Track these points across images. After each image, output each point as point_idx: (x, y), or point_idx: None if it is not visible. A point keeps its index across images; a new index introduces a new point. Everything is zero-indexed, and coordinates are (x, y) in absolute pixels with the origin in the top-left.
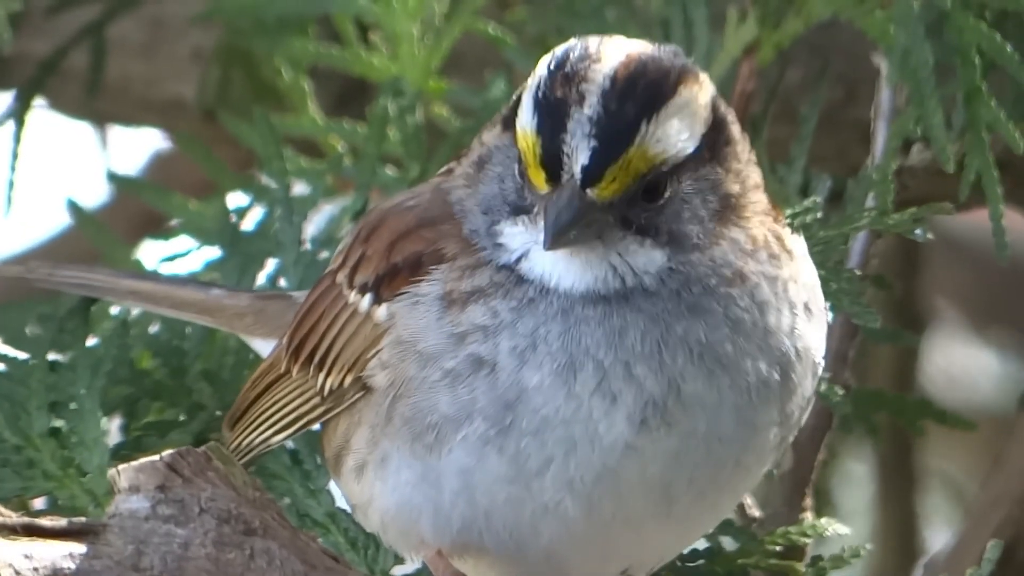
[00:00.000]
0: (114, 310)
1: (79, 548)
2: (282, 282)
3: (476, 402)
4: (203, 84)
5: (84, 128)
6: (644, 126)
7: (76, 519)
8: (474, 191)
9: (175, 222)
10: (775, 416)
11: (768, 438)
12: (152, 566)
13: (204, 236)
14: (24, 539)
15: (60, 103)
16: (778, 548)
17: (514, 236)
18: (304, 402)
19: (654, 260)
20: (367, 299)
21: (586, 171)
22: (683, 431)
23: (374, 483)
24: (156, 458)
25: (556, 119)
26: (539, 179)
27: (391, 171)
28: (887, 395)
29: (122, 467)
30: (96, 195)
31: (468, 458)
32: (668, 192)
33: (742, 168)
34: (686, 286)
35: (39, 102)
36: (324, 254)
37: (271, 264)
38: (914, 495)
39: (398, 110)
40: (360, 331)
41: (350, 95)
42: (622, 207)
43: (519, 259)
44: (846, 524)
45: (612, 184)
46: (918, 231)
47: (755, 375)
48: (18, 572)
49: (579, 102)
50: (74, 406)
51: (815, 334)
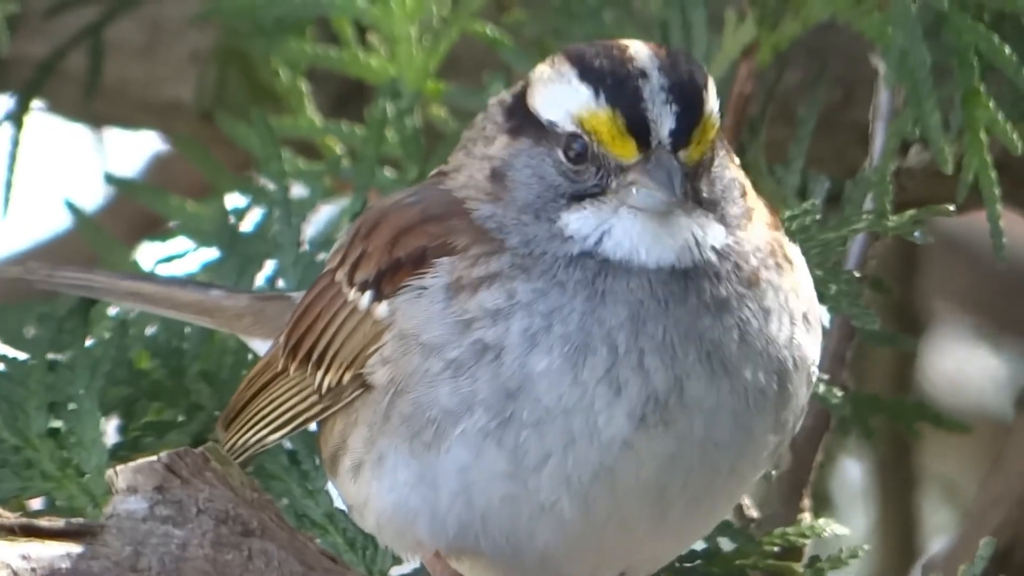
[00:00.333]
0: (112, 311)
1: (77, 549)
2: (280, 283)
3: (477, 393)
4: (201, 86)
5: (82, 130)
6: (705, 92)
7: (74, 520)
8: (507, 201)
9: (173, 224)
10: (770, 424)
11: (762, 446)
12: (150, 567)
13: (202, 238)
14: (22, 540)
15: (58, 105)
16: (776, 549)
17: (584, 220)
18: (301, 400)
19: (719, 235)
20: (367, 296)
21: (675, 134)
22: (679, 432)
23: (370, 483)
24: (154, 459)
25: (629, 92)
26: (627, 149)
27: (389, 173)
28: (884, 399)
29: (120, 468)
30: (94, 197)
31: (466, 454)
32: (714, 168)
33: (737, 164)
34: (736, 268)
35: (37, 104)
36: (322, 255)
37: (269, 266)
38: (912, 496)
39: (396, 112)
40: (360, 328)
41: (348, 97)
42: (695, 178)
43: (600, 240)
44: (844, 525)
45: (697, 147)
46: (916, 233)
47: (754, 382)
48: (16, 573)
49: (643, 76)
50: (73, 406)
51: (812, 345)
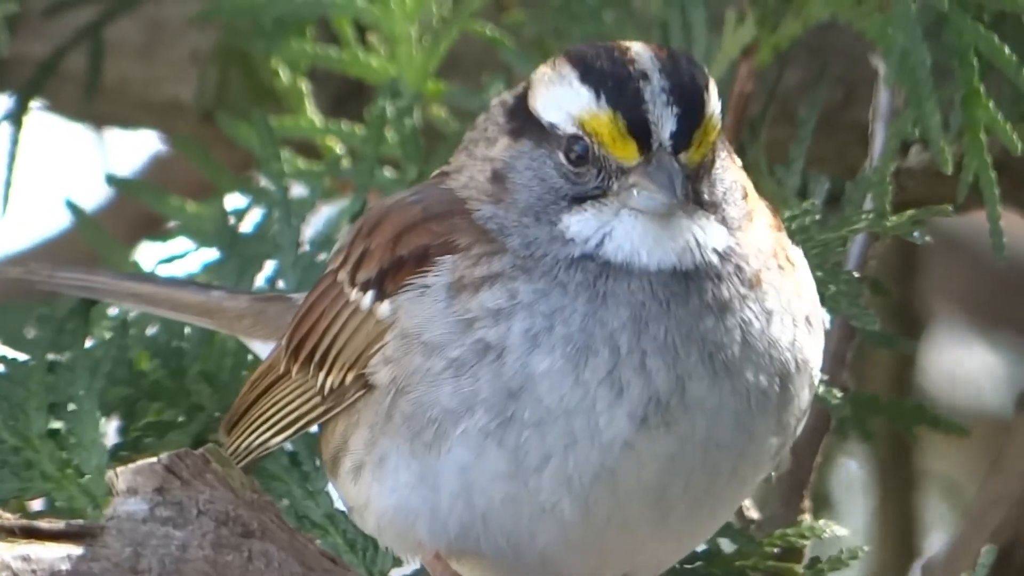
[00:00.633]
0: (113, 311)
1: (77, 550)
2: (280, 284)
3: (479, 393)
4: (201, 86)
5: (82, 130)
6: (706, 94)
7: (74, 521)
8: (508, 203)
9: (173, 224)
10: (772, 426)
11: (764, 448)
12: (150, 568)
13: (202, 238)
14: (22, 541)
15: (58, 105)
16: (776, 550)
17: (585, 223)
18: (304, 402)
19: (720, 236)
20: (369, 296)
21: (676, 136)
22: (681, 434)
23: (371, 485)
24: (154, 460)
25: (630, 94)
26: (628, 151)
27: (389, 173)
28: (883, 401)
29: (120, 469)
30: (94, 196)
31: (467, 454)
32: (715, 169)
33: (738, 165)
34: (737, 270)
35: (37, 103)
36: (322, 256)
37: (269, 266)
38: (912, 497)
39: (396, 112)
40: (362, 328)
41: (347, 97)
42: (696, 180)
43: (601, 242)
44: (844, 526)
45: (698, 150)
46: (916, 233)
47: (756, 383)
48: (16, 574)
49: (644, 78)
50: (73, 407)
51: (814, 348)
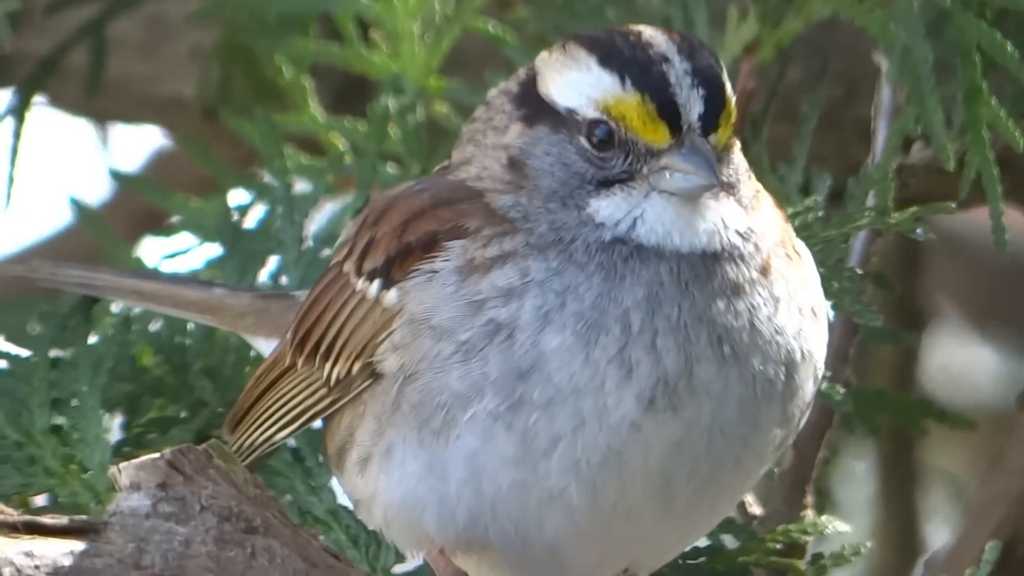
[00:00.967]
0: (116, 307)
1: (80, 546)
2: (284, 280)
3: (488, 375)
4: (204, 82)
5: (85, 126)
6: (725, 75)
7: (77, 517)
8: (531, 190)
9: (176, 220)
10: (777, 415)
11: (768, 438)
12: (153, 564)
13: (205, 234)
14: (25, 537)
15: (60, 101)
16: (779, 546)
17: (615, 206)
18: (310, 395)
19: (740, 217)
20: (376, 284)
21: (704, 118)
22: (687, 418)
23: (378, 477)
24: (157, 456)
25: (655, 76)
26: (659, 134)
27: (392, 169)
28: (888, 395)
29: (123, 465)
30: (97, 192)
31: (475, 440)
32: (731, 152)
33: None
34: (756, 250)
35: (39, 99)
36: (326, 252)
37: (272, 262)
38: (915, 493)
39: (399, 108)
40: (369, 317)
41: (350, 93)
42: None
43: (633, 225)
44: (847, 522)
45: (724, 131)
46: (918, 230)
47: (762, 372)
48: (19, 570)
49: (665, 60)
50: (76, 403)
51: (819, 339)
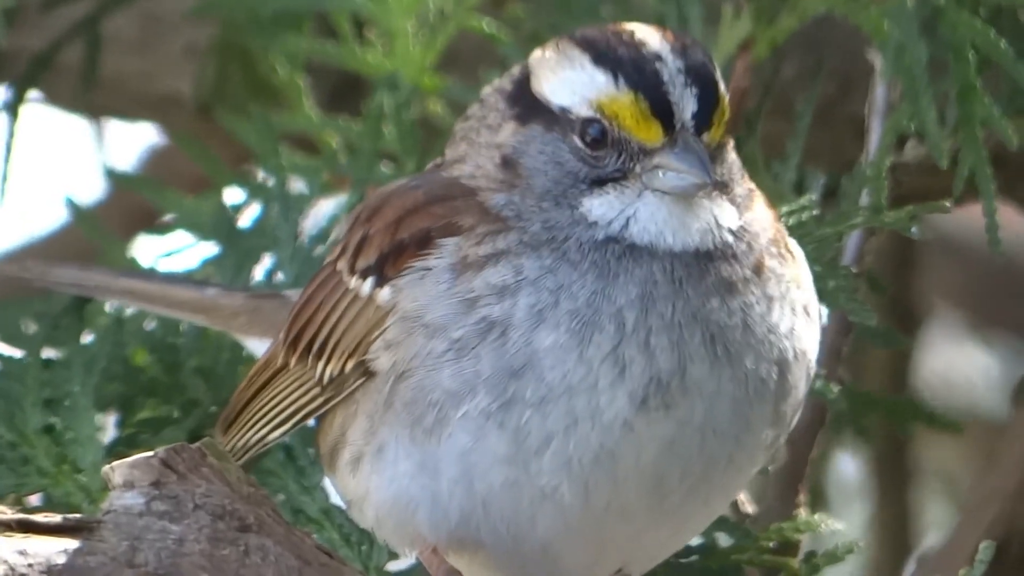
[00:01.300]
0: (109, 307)
1: (74, 544)
2: (279, 277)
3: (480, 373)
4: (199, 80)
5: (79, 123)
6: (718, 74)
7: (71, 515)
8: (523, 189)
9: (170, 218)
10: (769, 415)
11: (761, 437)
12: (147, 562)
13: (200, 232)
14: (19, 535)
15: (55, 97)
16: (772, 544)
17: (608, 205)
18: (303, 394)
19: (733, 216)
20: (369, 282)
21: (696, 116)
22: (680, 417)
23: (370, 476)
24: (151, 454)
25: (648, 74)
26: (652, 132)
27: (387, 167)
28: (878, 397)
29: (117, 463)
30: (91, 190)
31: (467, 438)
32: (725, 150)
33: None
34: (749, 249)
35: (34, 96)
36: (320, 249)
37: (268, 261)
38: (908, 491)
39: (394, 106)
40: (362, 315)
41: (345, 91)
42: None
43: (625, 225)
44: (840, 520)
45: (717, 130)
46: (912, 228)
47: (755, 372)
48: (13, 568)
49: (658, 59)
50: (69, 403)
51: (812, 339)
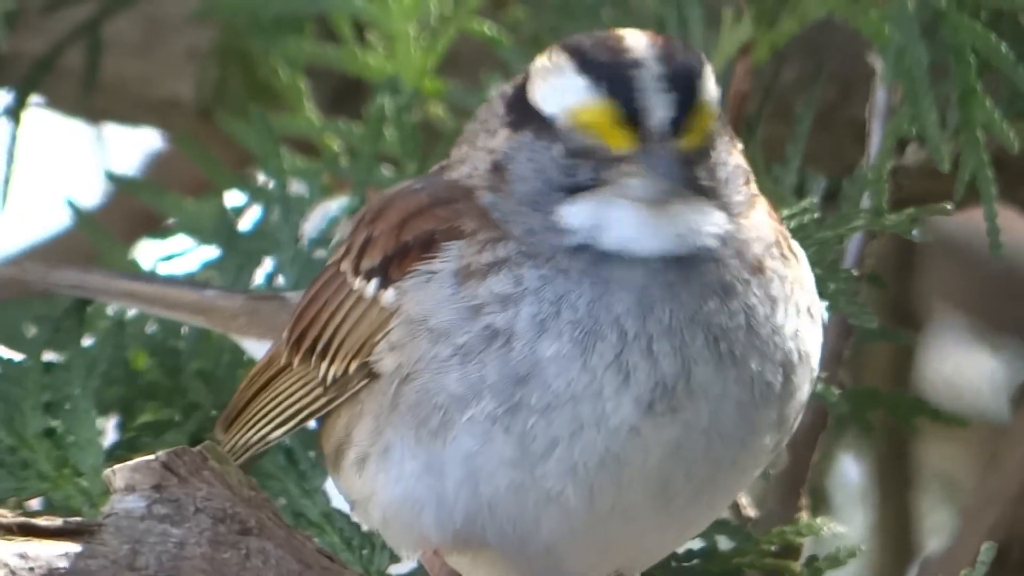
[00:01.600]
0: (110, 310)
1: (75, 548)
2: (280, 280)
3: (486, 379)
4: (200, 83)
5: (80, 126)
6: (700, 80)
7: (72, 519)
8: (508, 193)
9: (172, 221)
10: (774, 418)
11: (765, 440)
12: (148, 565)
13: (201, 235)
14: (20, 539)
15: (56, 101)
16: (774, 547)
17: (580, 213)
18: (306, 394)
19: (719, 221)
20: (374, 283)
21: (669, 123)
22: (686, 421)
23: (376, 476)
24: (152, 458)
25: (624, 82)
26: (621, 139)
27: (387, 170)
28: (882, 392)
29: (118, 467)
30: (92, 193)
31: (473, 441)
32: (714, 155)
33: (741, 153)
34: (737, 254)
35: (35, 100)
36: (321, 252)
37: (268, 264)
38: (910, 494)
39: (395, 109)
40: (366, 316)
41: (346, 94)
42: (693, 165)
43: (596, 232)
44: (842, 523)
45: (692, 135)
46: (913, 231)
47: (760, 374)
48: (14, 572)
49: (637, 65)
50: (69, 406)
51: (815, 340)
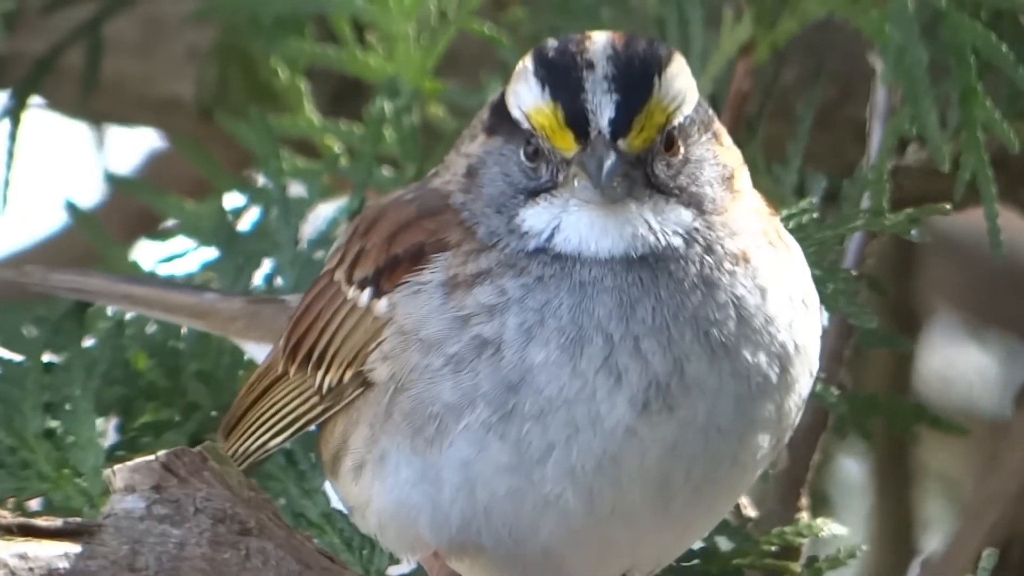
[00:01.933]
0: (110, 311)
1: (74, 548)
2: (279, 281)
3: (479, 387)
4: (200, 84)
5: (80, 127)
6: (656, 79)
7: (71, 519)
8: (476, 195)
9: (171, 222)
10: (772, 411)
11: (765, 435)
12: (147, 566)
13: (200, 236)
14: (19, 539)
15: (56, 102)
16: (774, 548)
17: (538, 216)
18: (302, 403)
19: (683, 219)
20: (367, 293)
21: (614, 123)
22: (683, 418)
23: (372, 483)
24: (151, 458)
25: (571, 84)
26: (566, 141)
27: (387, 171)
28: (882, 400)
29: (117, 467)
30: (91, 194)
31: (469, 449)
32: (682, 151)
33: (730, 149)
34: (709, 250)
35: (35, 100)
36: (320, 254)
37: (268, 264)
38: (910, 495)
39: (394, 110)
40: (360, 325)
41: (345, 95)
42: (647, 164)
43: (551, 235)
44: (842, 524)
45: (640, 135)
46: (913, 231)
47: (756, 365)
48: (14, 572)
49: (589, 67)
50: (69, 407)
51: (811, 330)
